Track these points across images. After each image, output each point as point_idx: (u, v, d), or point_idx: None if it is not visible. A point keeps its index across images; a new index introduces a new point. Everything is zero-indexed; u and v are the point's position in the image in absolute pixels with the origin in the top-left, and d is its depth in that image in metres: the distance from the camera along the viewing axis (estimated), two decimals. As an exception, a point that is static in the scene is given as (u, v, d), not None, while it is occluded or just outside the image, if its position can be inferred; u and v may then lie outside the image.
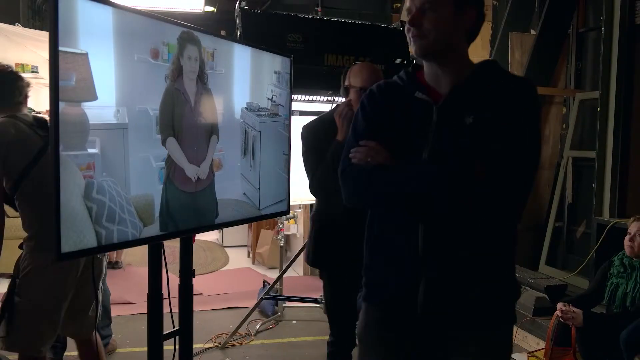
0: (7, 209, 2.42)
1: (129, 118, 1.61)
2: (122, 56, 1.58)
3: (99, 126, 1.52)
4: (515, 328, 3.93)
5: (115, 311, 3.89)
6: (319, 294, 4.86)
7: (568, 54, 5.17)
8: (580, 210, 5.11)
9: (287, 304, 4.62)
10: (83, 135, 1.47)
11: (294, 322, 4.48)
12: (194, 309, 4.54)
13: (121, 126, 1.59)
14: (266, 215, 2.31)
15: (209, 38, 1.90)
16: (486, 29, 6.51)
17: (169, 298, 2.03)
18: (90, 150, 1.49)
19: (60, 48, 1.40)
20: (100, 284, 2.48)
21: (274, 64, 2.29)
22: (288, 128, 2.40)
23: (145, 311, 4.18)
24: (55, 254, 1.41)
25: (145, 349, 3.81)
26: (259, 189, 2.22)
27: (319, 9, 7.87)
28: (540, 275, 4.45)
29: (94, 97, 1.50)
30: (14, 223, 6.23)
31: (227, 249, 6.98)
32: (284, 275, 4.37)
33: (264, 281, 4.65)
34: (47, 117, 2.60)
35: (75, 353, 3.55)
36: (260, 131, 2.19)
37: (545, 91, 5.10)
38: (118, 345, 3.77)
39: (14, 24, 5.80)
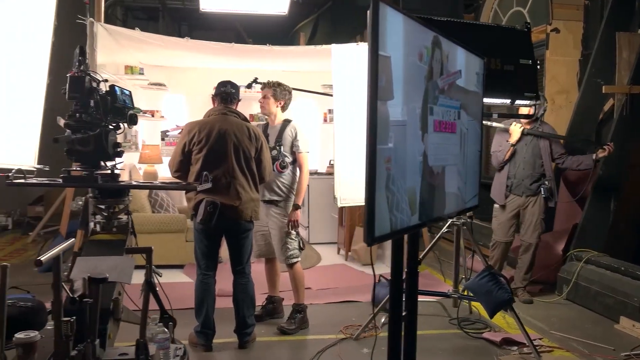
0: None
1: (407, 116, 1.76)
2: (405, 58, 1.73)
3: (393, 122, 1.66)
4: (622, 317, 4.04)
5: (227, 303, 3.86)
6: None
7: (674, 53, 5.17)
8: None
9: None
10: (386, 130, 1.62)
11: (412, 316, 4.59)
12: (311, 302, 4.70)
13: (403, 123, 1.73)
14: (468, 209, 2.43)
15: (445, 42, 2.03)
16: (578, 28, 6.52)
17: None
18: (389, 145, 1.64)
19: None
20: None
21: (476, 65, 2.41)
22: (481, 127, 2.52)
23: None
24: (368, 238, 1.56)
25: (278, 338, 4.00)
26: (466, 183, 2.34)
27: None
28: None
29: (392, 96, 1.64)
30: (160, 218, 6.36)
31: (314, 246, 7.12)
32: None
33: (380, 276, 4.78)
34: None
35: (222, 340, 3.75)
36: (468, 129, 2.32)
37: (651, 90, 5.12)
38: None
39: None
